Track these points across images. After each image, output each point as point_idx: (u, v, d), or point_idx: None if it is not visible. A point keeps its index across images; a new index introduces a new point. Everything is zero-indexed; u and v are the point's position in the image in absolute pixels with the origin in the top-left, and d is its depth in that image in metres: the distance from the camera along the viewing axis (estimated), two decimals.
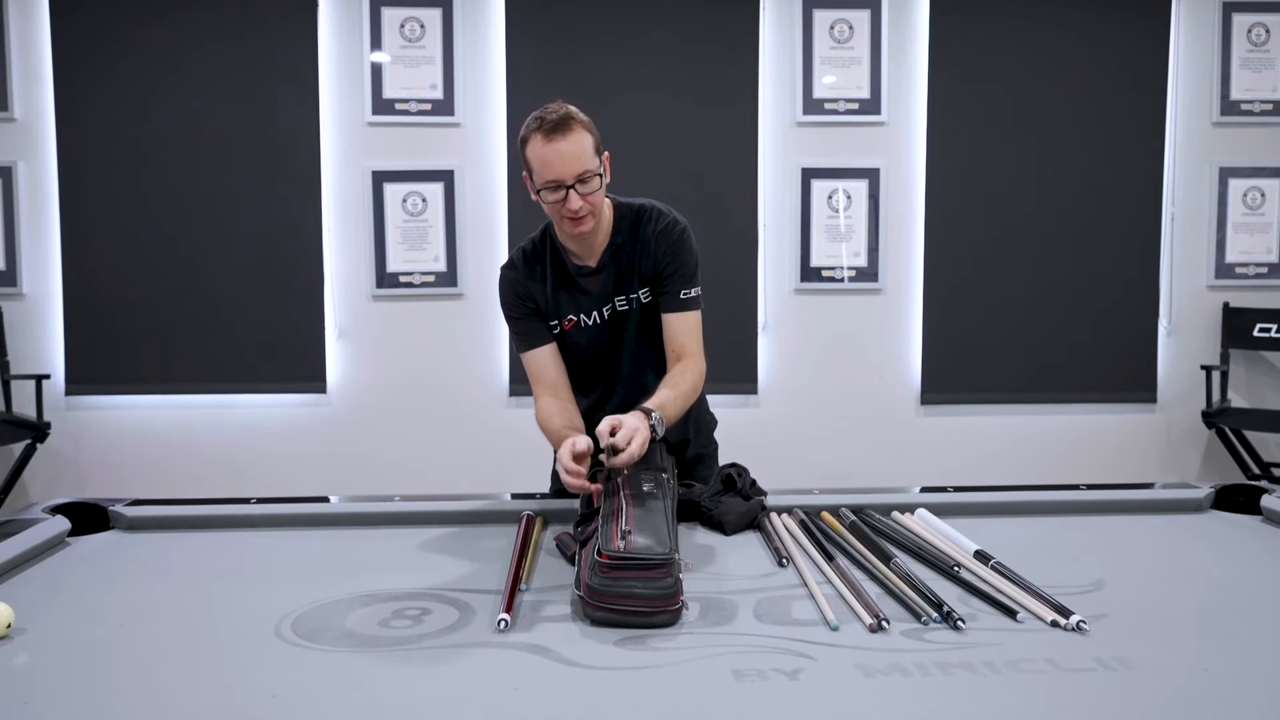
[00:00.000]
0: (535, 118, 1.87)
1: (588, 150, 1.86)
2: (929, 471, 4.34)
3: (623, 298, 2.03)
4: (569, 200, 1.86)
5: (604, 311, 2.04)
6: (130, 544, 1.81)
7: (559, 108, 1.86)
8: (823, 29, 4.34)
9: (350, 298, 4.31)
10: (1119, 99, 4.39)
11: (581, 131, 1.85)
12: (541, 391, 2.07)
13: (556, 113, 1.85)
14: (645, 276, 2.02)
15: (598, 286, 2.03)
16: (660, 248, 1.99)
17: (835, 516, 1.90)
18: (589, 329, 2.06)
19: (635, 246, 2.01)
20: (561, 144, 1.83)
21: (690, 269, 2.01)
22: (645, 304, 2.04)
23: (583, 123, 1.87)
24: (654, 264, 2.00)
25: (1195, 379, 4.46)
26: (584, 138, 1.86)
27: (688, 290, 2.01)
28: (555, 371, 2.07)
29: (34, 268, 4.22)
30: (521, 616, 1.40)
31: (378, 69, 4.25)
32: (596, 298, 2.04)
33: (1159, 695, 1.13)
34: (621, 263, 2.02)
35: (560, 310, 2.06)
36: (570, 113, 1.86)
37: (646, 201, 2.05)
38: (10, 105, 4.15)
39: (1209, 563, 1.67)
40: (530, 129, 1.87)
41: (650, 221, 2.01)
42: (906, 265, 4.42)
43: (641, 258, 2.01)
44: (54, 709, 1.11)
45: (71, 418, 4.24)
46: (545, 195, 1.89)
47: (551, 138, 1.83)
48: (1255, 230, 4.48)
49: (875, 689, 1.14)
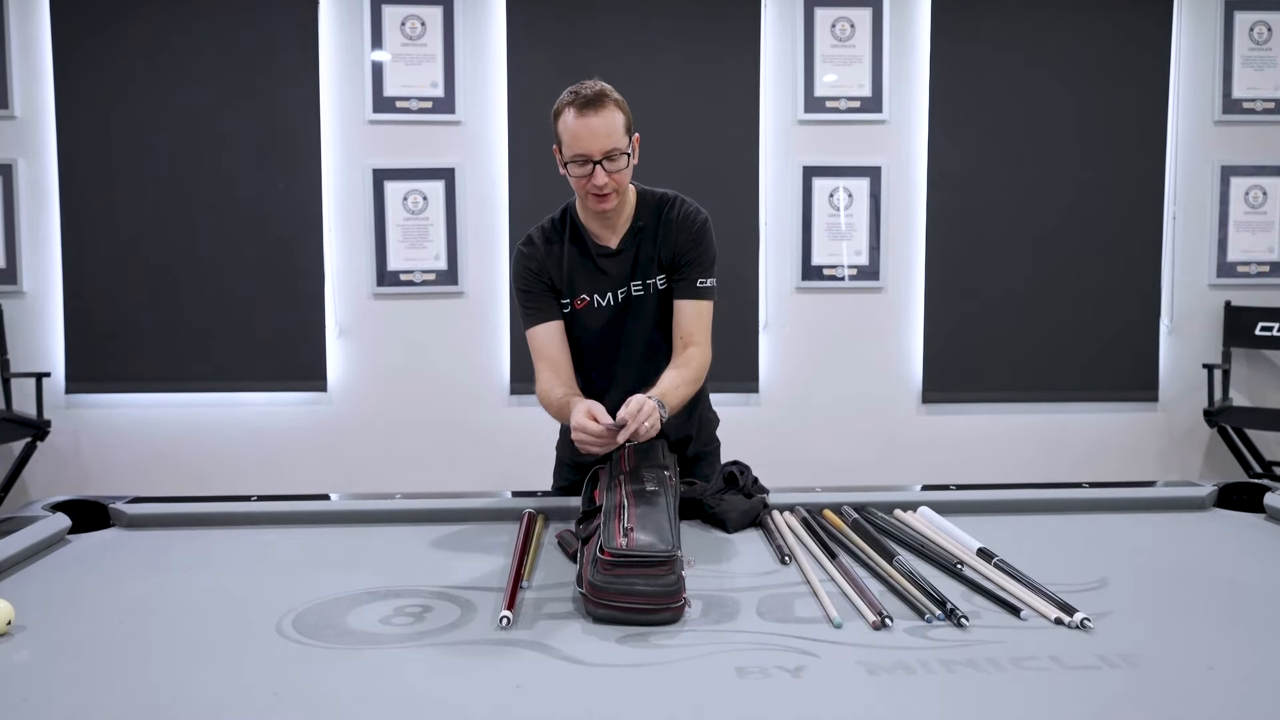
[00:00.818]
0: (571, 91, 1.89)
1: (618, 129, 1.88)
2: (930, 470, 4.34)
3: (639, 283, 2.04)
4: (595, 176, 1.88)
5: (618, 294, 2.04)
6: (130, 541, 1.81)
7: (595, 84, 1.89)
8: (824, 27, 4.33)
9: (351, 296, 4.30)
10: (1120, 97, 4.39)
11: (614, 110, 1.88)
12: (543, 366, 2.06)
13: (592, 88, 1.87)
14: (664, 264, 2.03)
15: (615, 268, 2.04)
16: (682, 235, 2.01)
17: (837, 514, 1.89)
18: (601, 310, 2.05)
19: (656, 233, 2.03)
20: (593, 119, 1.85)
21: (709, 259, 2.03)
22: (661, 291, 2.04)
23: (616, 101, 1.90)
24: (673, 251, 2.02)
25: (1197, 377, 4.45)
26: (616, 116, 1.88)
27: (704, 280, 2.02)
28: (559, 349, 2.07)
29: (34, 266, 4.21)
30: (523, 614, 1.40)
31: (378, 67, 4.24)
32: (613, 279, 2.04)
33: (1163, 693, 1.13)
34: (641, 247, 2.03)
35: (574, 289, 2.06)
36: (605, 90, 1.88)
37: (670, 191, 2.08)
38: (10, 103, 4.15)
39: (1212, 560, 1.66)
40: (565, 101, 1.89)
41: (673, 209, 2.04)
42: (908, 264, 4.41)
43: (661, 244, 2.02)
44: (54, 706, 1.11)
45: (71, 416, 4.24)
46: (572, 169, 1.91)
47: (584, 112, 1.86)
48: (1257, 229, 4.47)
49: (879, 686, 1.14)
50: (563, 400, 1.96)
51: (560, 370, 2.06)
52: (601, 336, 2.08)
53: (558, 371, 2.05)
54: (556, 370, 2.05)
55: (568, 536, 1.72)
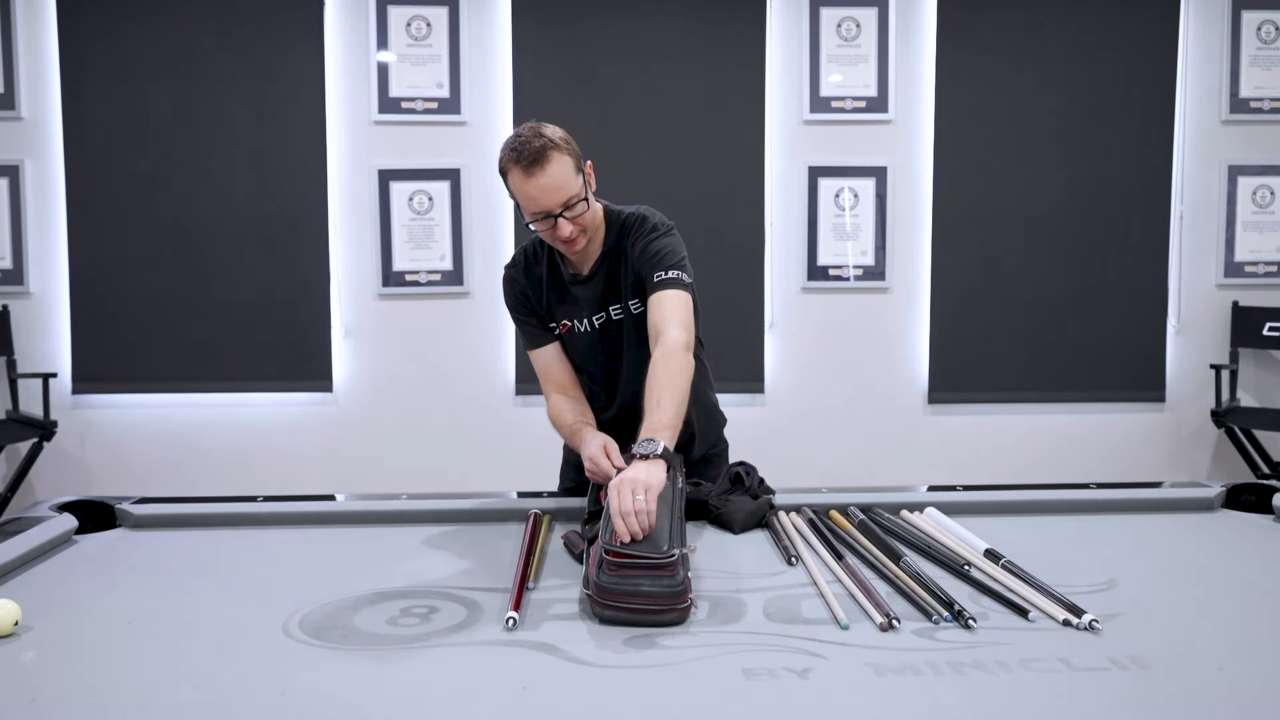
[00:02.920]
0: (511, 149, 1.83)
1: (569, 176, 1.83)
2: (937, 470, 4.33)
3: (616, 307, 2.02)
4: (559, 228, 1.86)
5: (595, 320, 2.04)
6: (137, 542, 1.81)
7: (533, 135, 1.81)
8: (830, 27, 4.33)
9: (356, 296, 4.31)
10: (1127, 96, 4.37)
11: (560, 158, 1.82)
12: (551, 389, 2.08)
13: (531, 144, 1.80)
14: (634, 286, 1.99)
15: (588, 294, 2.02)
16: (636, 249, 1.96)
17: (844, 515, 1.89)
18: (583, 335, 2.06)
19: (619, 256, 1.99)
20: (542, 178, 1.81)
21: (662, 255, 1.93)
22: (638, 314, 2.00)
23: (560, 148, 1.82)
24: (634, 269, 1.97)
25: (1204, 378, 4.44)
26: (563, 164, 1.82)
27: (663, 273, 1.91)
28: (561, 369, 2.08)
29: (41, 267, 4.22)
30: (529, 615, 1.39)
31: (384, 68, 4.25)
32: (589, 305, 2.03)
33: (1173, 694, 1.12)
34: (610, 271, 2.00)
35: (555, 315, 2.07)
36: (546, 141, 1.81)
37: (636, 210, 2.01)
38: (17, 104, 4.16)
39: (1221, 562, 1.66)
40: (508, 161, 1.83)
41: (631, 230, 1.98)
42: (914, 264, 4.41)
43: (625, 267, 1.99)
44: (60, 706, 1.11)
45: (78, 416, 4.25)
46: (534, 225, 1.89)
47: (531, 172, 1.80)
48: (1265, 229, 4.46)
49: (887, 688, 1.13)
50: (574, 427, 1.99)
51: (567, 389, 2.07)
52: (591, 359, 2.08)
53: (564, 391, 2.07)
54: (563, 390, 2.07)
55: (574, 537, 1.72)
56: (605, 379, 2.10)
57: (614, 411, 2.09)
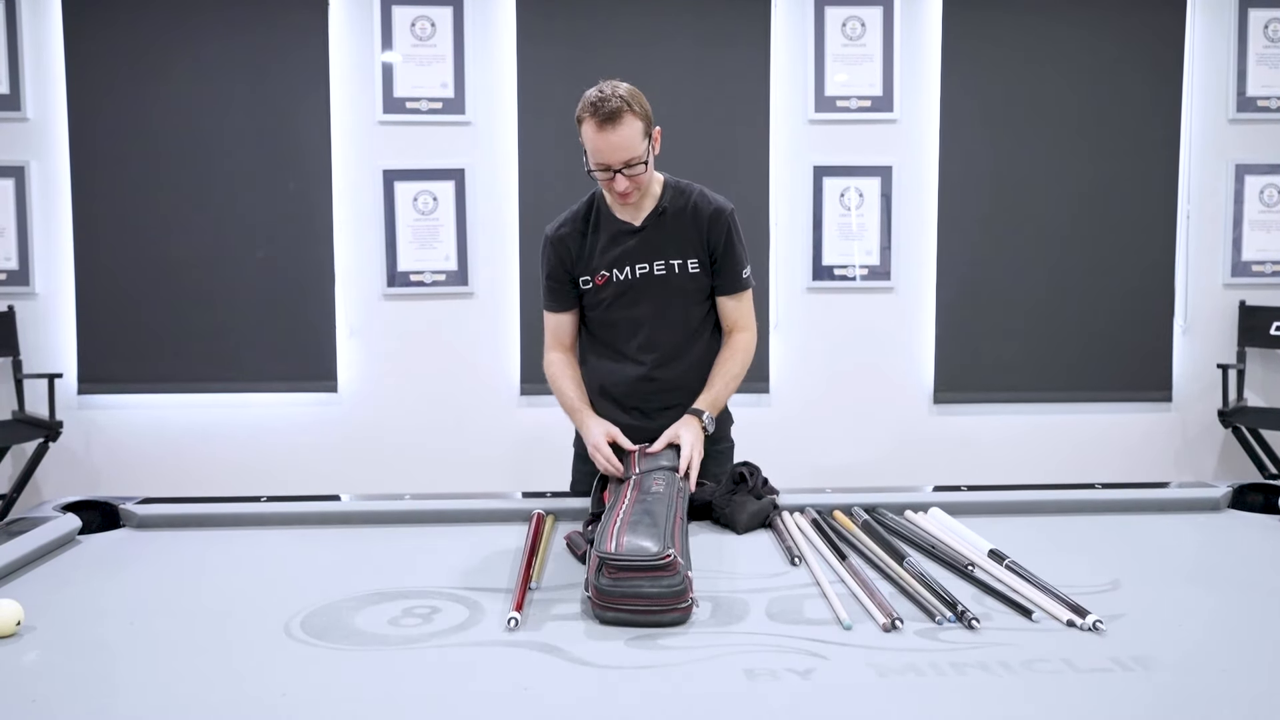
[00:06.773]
0: (591, 102, 1.98)
1: (636, 138, 1.98)
2: (942, 470, 4.32)
3: (661, 262, 2.12)
4: (616, 182, 2.01)
5: (637, 270, 2.12)
6: (141, 542, 1.81)
7: (613, 93, 1.97)
8: (834, 26, 4.32)
9: (361, 296, 4.31)
10: (1134, 95, 4.36)
11: (632, 120, 1.97)
12: (553, 345, 2.24)
13: (609, 102, 1.95)
14: (693, 248, 2.12)
15: (636, 245, 2.13)
16: (714, 232, 2.12)
17: (848, 515, 1.88)
18: (620, 284, 2.13)
19: (680, 218, 2.12)
20: (612, 135, 1.96)
21: (743, 257, 2.17)
22: (693, 274, 2.13)
23: (634, 111, 1.98)
24: (708, 246, 2.13)
25: (1211, 377, 4.42)
26: (634, 126, 1.97)
27: (745, 274, 2.18)
28: (570, 333, 2.23)
29: (46, 267, 4.23)
30: (532, 615, 1.39)
31: (388, 68, 4.25)
32: (634, 255, 2.13)
33: (1177, 695, 1.12)
34: (664, 228, 2.12)
35: (596, 265, 2.14)
36: (623, 102, 1.96)
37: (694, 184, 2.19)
38: (23, 105, 4.17)
39: (1227, 562, 1.65)
40: (585, 112, 1.99)
41: (701, 200, 2.14)
42: (919, 263, 4.39)
43: (690, 231, 2.12)
44: (63, 706, 1.11)
45: (83, 416, 4.25)
46: (595, 173, 2.03)
47: (603, 127, 1.96)
48: (1272, 227, 4.44)
49: (889, 689, 1.13)
50: (572, 402, 2.15)
51: (567, 349, 2.25)
52: (626, 310, 2.16)
53: (565, 350, 2.24)
54: (565, 349, 2.24)
55: (576, 538, 1.72)
56: (644, 329, 2.16)
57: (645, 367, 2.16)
